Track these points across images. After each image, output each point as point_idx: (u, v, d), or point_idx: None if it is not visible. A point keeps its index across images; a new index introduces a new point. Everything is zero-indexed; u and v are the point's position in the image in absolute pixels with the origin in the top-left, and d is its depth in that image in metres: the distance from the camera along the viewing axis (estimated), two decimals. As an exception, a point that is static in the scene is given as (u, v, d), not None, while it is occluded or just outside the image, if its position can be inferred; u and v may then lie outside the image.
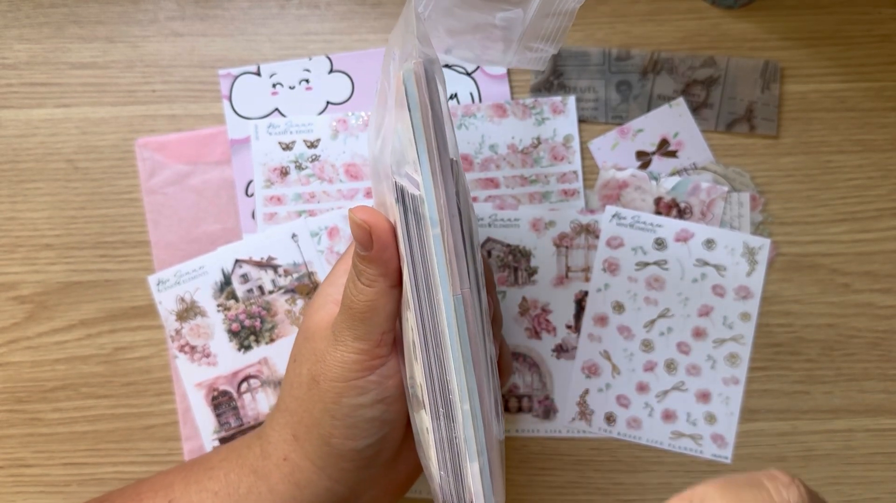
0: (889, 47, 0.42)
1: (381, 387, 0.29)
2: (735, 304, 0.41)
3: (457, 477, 0.27)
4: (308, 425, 0.30)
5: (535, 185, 0.42)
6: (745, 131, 0.42)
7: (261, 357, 0.42)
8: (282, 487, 0.31)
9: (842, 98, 0.42)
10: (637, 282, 0.41)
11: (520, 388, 0.42)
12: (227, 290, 0.42)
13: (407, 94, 0.25)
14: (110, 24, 0.43)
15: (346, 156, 0.42)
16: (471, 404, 0.26)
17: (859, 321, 0.41)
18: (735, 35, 0.42)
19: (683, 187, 0.42)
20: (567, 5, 0.30)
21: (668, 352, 0.41)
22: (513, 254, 0.42)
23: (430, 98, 0.25)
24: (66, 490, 0.42)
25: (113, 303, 0.42)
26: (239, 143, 0.42)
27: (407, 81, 0.25)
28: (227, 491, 0.31)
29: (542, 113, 0.42)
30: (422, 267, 0.26)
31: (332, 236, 0.42)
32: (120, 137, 0.42)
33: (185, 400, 0.42)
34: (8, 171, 0.42)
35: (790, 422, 0.41)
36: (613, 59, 0.42)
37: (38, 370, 0.42)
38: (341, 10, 0.43)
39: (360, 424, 0.29)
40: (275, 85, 0.43)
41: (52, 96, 0.43)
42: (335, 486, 0.31)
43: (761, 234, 0.42)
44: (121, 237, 0.42)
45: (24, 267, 0.42)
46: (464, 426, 0.26)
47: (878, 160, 0.42)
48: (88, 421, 0.42)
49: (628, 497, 0.41)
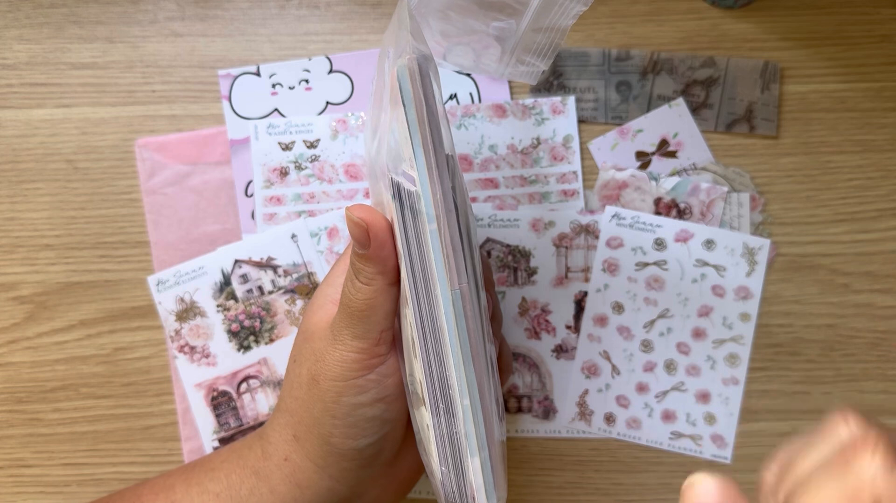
0: (889, 47, 0.42)
1: (381, 385, 0.29)
2: (735, 305, 0.41)
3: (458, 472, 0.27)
4: (308, 425, 0.30)
5: (534, 185, 0.42)
6: (745, 131, 0.42)
7: (260, 357, 0.42)
8: (283, 488, 0.31)
9: (842, 98, 0.42)
10: (637, 282, 0.41)
11: (519, 389, 0.42)
12: (226, 291, 0.42)
13: (401, 89, 0.25)
14: (110, 24, 0.43)
15: (345, 156, 0.42)
16: (471, 399, 0.26)
17: (859, 321, 0.41)
18: (735, 35, 0.42)
19: (683, 187, 0.41)
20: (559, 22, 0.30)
21: (667, 352, 0.41)
22: (512, 255, 0.42)
23: (424, 93, 0.25)
24: (66, 490, 0.42)
25: (113, 304, 0.42)
26: (239, 143, 0.42)
27: (401, 77, 0.25)
28: (228, 492, 0.31)
29: (541, 113, 0.42)
30: (419, 263, 0.26)
31: (331, 236, 0.42)
32: (120, 137, 0.42)
33: (184, 400, 0.42)
34: (8, 172, 0.42)
35: (790, 423, 0.41)
36: (613, 59, 0.42)
37: (38, 370, 0.42)
38: (341, 10, 0.43)
39: (361, 423, 0.29)
40: (274, 85, 0.43)
41: (52, 96, 0.43)
42: (336, 486, 0.31)
43: (761, 234, 0.42)
44: (121, 237, 0.42)
45: (24, 267, 0.42)
46: (464, 421, 0.26)
47: (878, 160, 0.42)
48: (88, 421, 0.42)
49: (628, 497, 0.41)
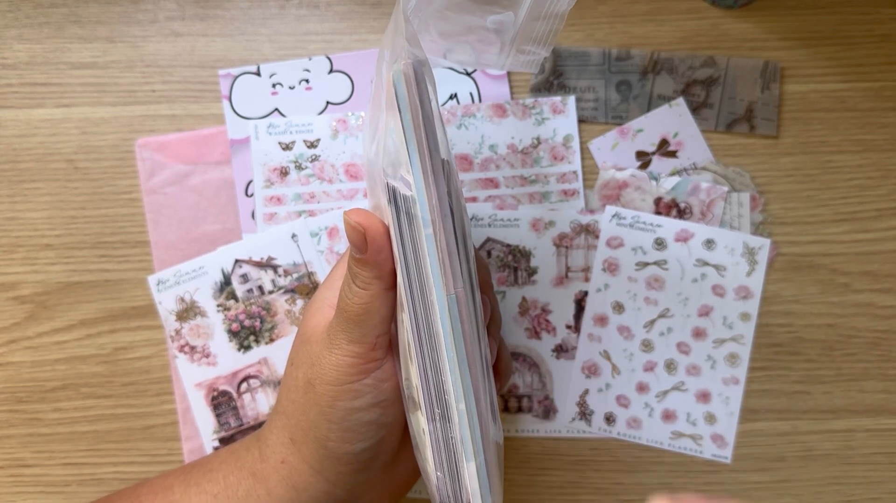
0: (889, 47, 0.42)
1: (377, 390, 0.29)
2: (735, 304, 0.41)
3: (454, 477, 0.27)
4: (305, 429, 0.30)
5: (534, 185, 0.42)
6: (745, 131, 0.42)
7: (260, 357, 0.42)
8: (280, 490, 0.31)
9: (842, 98, 0.42)
10: (637, 282, 0.41)
11: (520, 388, 0.42)
12: (226, 291, 0.42)
13: (396, 94, 0.25)
14: (110, 24, 0.43)
15: (345, 156, 0.42)
16: (466, 404, 0.26)
17: (859, 321, 0.41)
18: (735, 35, 0.42)
19: (683, 187, 0.41)
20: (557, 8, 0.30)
21: (667, 352, 0.41)
22: (513, 255, 0.42)
23: (419, 98, 0.25)
24: (66, 490, 0.42)
25: (113, 304, 0.42)
26: (239, 143, 0.42)
27: (396, 82, 0.25)
28: (225, 493, 0.31)
29: (541, 113, 0.42)
30: (415, 267, 0.26)
31: (331, 236, 0.42)
32: (120, 137, 0.42)
33: (184, 400, 0.42)
34: (8, 171, 0.42)
35: (790, 422, 0.41)
36: (613, 59, 0.42)
37: (38, 370, 0.42)
38: (341, 10, 0.43)
39: (356, 428, 0.29)
40: (275, 85, 0.43)
41: (52, 96, 0.43)
42: (333, 490, 0.31)
43: (761, 234, 0.42)
44: (121, 237, 0.42)
45: (24, 267, 0.42)
46: (460, 426, 0.26)
47: (878, 160, 0.42)
48: (88, 421, 0.42)
49: (628, 497, 0.41)
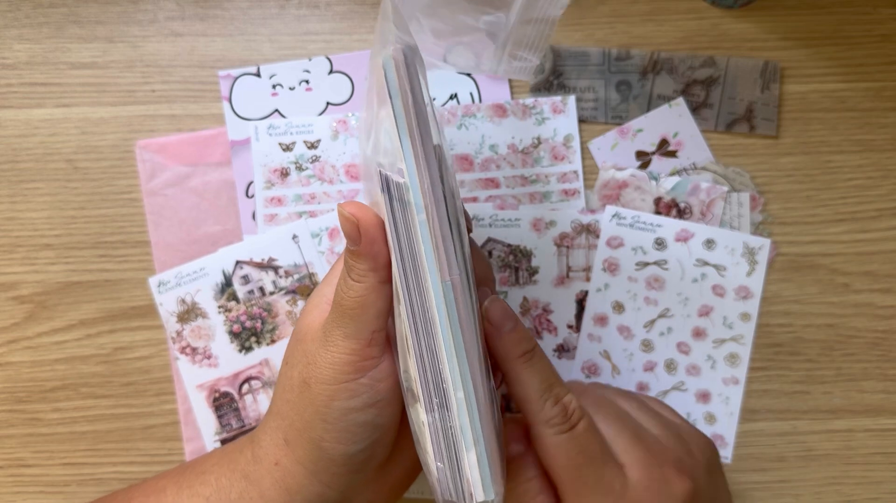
0: (889, 47, 0.42)
1: (373, 390, 0.28)
2: (735, 304, 0.41)
3: (454, 467, 0.26)
4: (299, 429, 0.30)
5: (535, 184, 0.42)
6: (745, 131, 0.42)
7: (262, 358, 0.42)
8: (273, 492, 0.30)
9: (842, 98, 0.42)
10: (637, 282, 0.41)
11: (520, 388, 0.42)
12: (227, 292, 0.42)
13: (387, 79, 0.24)
14: (110, 24, 0.43)
15: (346, 156, 0.42)
16: (465, 391, 0.25)
17: (859, 321, 0.42)
18: (735, 35, 0.42)
19: (683, 187, 0.42)
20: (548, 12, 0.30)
21: (667, 352, 0.41)
22: (513, 254, 0.42)
23: (409, 83, 0.25)
24: (66, 490, 0.42)
25: (113, 304, 0.42)
26: (239, 144, 0.42)
27: (386, 68, 0.24)
28: (218, 496, 0.31)
29: (542, 113, 0.42)
30: (409, 255, 0.25)
31: (332, 237, 0.42)
32: (120, 137, 0.42)
33: (186, 401, 0.42)
34: (8, 171, 0.42)
35: (790, 422, 0.41)
36: (613, 59, 0.42)
37: (37, 370, 0.42)
38: (341, 10, 0.43)
39: (352, 428, 0.29)
40: (275, 86, 0.42)
41: (51, 96, 0.43)
42: (327, 491, 0.30)
43: (761, 234, 0.42)
44: (120, 237, 0.42)
45: (24, 267, 0.42)
46: (458, 414, 0.25)
47: (878, 160, 0.42)
48: (88, 421, 0.42)
49: (628, 497, 0.41)
